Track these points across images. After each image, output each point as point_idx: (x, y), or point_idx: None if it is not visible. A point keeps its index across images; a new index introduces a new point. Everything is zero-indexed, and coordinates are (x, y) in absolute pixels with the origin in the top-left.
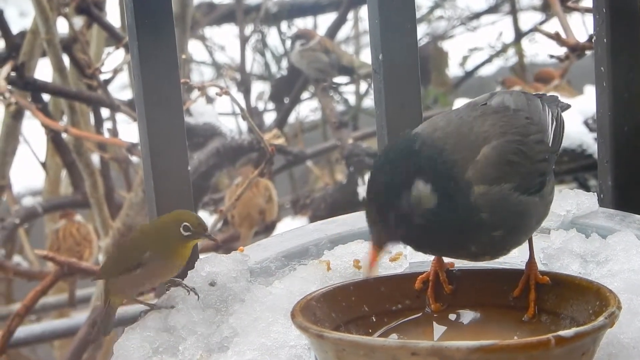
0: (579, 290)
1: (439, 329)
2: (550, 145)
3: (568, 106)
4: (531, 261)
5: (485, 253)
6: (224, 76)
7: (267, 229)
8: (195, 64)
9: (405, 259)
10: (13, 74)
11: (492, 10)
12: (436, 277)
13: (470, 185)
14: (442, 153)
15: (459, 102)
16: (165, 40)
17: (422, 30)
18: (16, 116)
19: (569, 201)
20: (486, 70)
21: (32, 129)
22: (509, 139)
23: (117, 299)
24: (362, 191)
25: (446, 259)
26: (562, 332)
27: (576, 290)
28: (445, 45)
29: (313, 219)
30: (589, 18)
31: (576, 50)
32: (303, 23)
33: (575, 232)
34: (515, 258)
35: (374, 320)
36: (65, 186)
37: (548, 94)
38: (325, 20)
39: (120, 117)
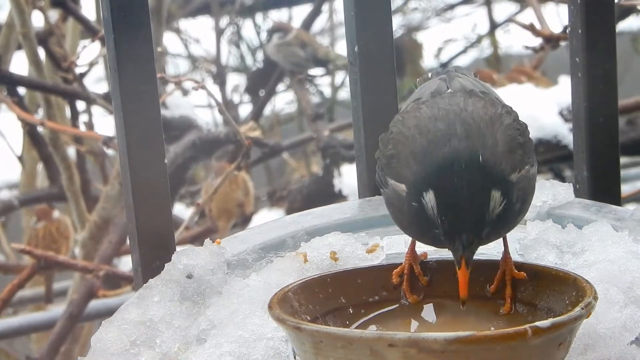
0: (556, 281)
1: (416, 320)
2: None
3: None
4: (506, 256)
5: (491, 237)
6: (199, 69)
7: (244, 221)
8: (170, 57)
9: (382, 250)
10: None
11: (466, 1)
12: (411, 270)
13: (509, 178)
14: (484, 152)
15: None
16: (141, 34)
17: (397, 21)
18: None
19: (545, 192)
20: (461, 62)
21: (8, 122)
22: (508, 121)
23: None
24: (337, 183)
25: (419, 250)
26: (538, 323)
27: (553, 281)
28: (420, 36)
29: (289, 211)
30: (564, 9)
31: (551, 41)
32: (278, 15)
33: (551, 223)
34: (492, 249)
35: (352, 311)
36: (42, 179)
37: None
38: (301, 12)
39: (96, 110)
